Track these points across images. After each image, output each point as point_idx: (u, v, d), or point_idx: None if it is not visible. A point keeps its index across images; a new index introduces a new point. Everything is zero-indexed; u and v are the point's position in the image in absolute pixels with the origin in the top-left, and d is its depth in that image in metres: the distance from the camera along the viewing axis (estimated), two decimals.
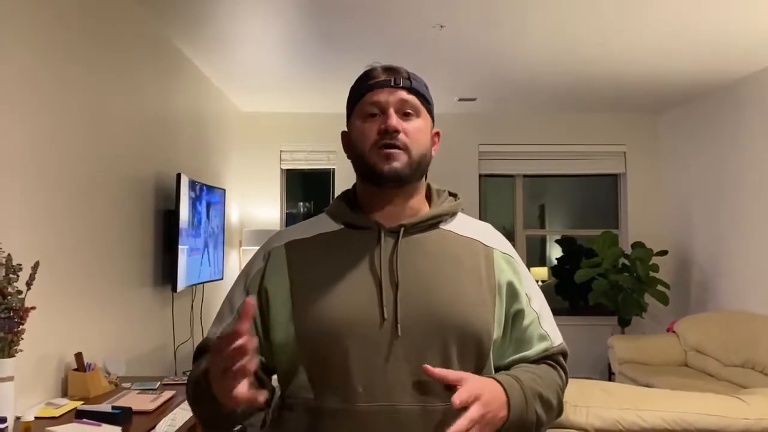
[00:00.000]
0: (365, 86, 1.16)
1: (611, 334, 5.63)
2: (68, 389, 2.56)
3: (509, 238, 1.28)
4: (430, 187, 1.24)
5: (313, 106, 5.81)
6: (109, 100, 3.08)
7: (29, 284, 2.16)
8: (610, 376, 5.44)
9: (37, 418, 2.16)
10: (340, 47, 4.17)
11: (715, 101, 5.30)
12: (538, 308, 1.19)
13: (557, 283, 6.66)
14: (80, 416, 2.20)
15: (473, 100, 5.63)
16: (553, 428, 2.17)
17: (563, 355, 1.21)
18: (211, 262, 4.43)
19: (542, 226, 7.00)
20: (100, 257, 2.97)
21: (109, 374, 2.77)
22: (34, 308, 2.15)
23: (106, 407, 2.25)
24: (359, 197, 1.20)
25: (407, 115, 1.14)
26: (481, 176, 6.24)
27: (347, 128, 1.20)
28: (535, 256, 7.00)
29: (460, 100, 5.60)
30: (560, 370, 1.19)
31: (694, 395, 2.36)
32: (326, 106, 5.72)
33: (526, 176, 6.44)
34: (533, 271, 6.58)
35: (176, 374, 3.84)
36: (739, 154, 4.94)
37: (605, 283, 5.52)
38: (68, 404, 2.37)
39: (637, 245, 5.60)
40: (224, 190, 4.81)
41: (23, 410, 2.15)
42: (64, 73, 2.64)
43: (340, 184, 6.07)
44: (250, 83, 5.10)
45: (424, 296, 1.09)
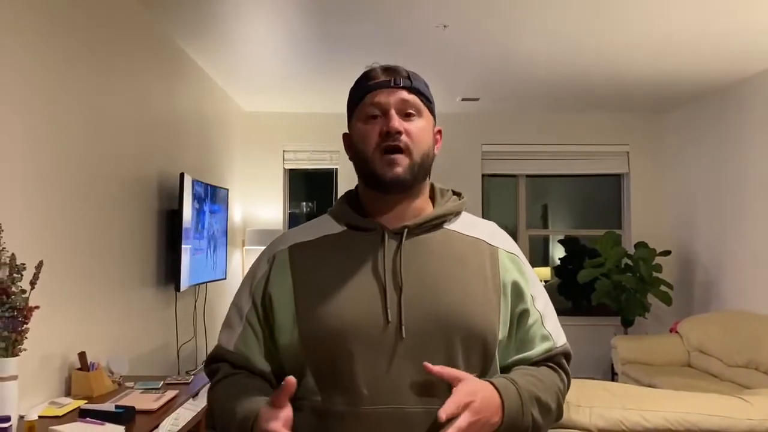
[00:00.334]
0: (365, 87, 1.15)
1: (614, 334, 5.62)
2: (72, 388, 2.57)
3: (512, 238, 1.27)
4: (433, 186, 1.23)
5: (316, 106, 5.81)
6: (112, 100, 3.08)
7: (33, 284, 2.16)
8: (612, 376, 5.43)
9: (40, 417, 2.16)
10: (343, 47, 4.17)
11: (718, 101, 5.29)
12: (541, 308, 1.18)
13: (560, 283, 6.65)
14: (84, 415, 2.21)
15: (476, 99, 5.63)
16: (555, 428, 2.17)
17: (566, 356, 1.20)
18: (214, 262, 4.44)
19: (545, 226, 6.99)
20: (103, 257, 2.98)
21: (112, 373, 2.77)
22: (37, 308, 2.15)
23: (109, 406, 2.25)
24: (362, 199, 1.20)
25: (408, 115, 1.13)
26: (483, 176, 6.24)
27: (348, 130, 1.20)
28: (537, 256, 6.99)
29: (463, 99, 5.59)
30: (562, 372, 1.18)
31: (697, 395, 2.36)
32: (329, 105, 5.73)
33: (528, 176, 6.44)
34: (536, 271, 6.55)
35: (179, 374, 3.85)
36: (742, 154, 4.93)
37: (608, 283, 5.52)
38: (72, 403, 2.37)
39: (640, 245, 5.59)
40: (227, 189, 4.82)
41: (27, 409, 2.16)
42: (67, 73, 2.64)
43: (342, 183, 6.08)
44: (253, 83, 5.10)
45: (428, 298, 1.09)
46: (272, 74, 4.84)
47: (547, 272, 6.88)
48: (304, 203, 6.58)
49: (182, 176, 3.68)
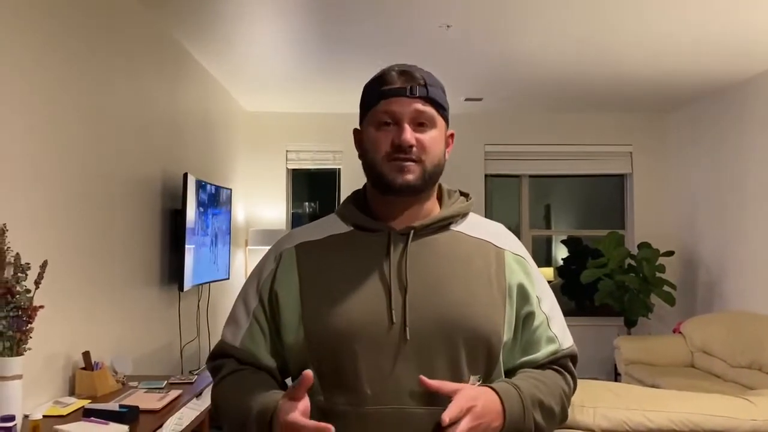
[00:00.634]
0: (380, 93, 1.12)
1: (617, 334, 5.61)
2: (76, 388, 2.57)
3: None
4: (441, 187, 1.22)
5: (318, 106, 5.81)
6: (115, 100, 3.09)
7: (37, 283, 2.17)
8: (616, 376, 5.42)
9: (44, 416, 2.18)
10: (346, 48, 4.17)
11: (721, 101, 5.28)
12: (548, 310, 1.17)
13: (563, 283, 6.65)
14: (88, 415, 2.21)
15: (479, 100, 5.63)
16: (559, 429, 2.17)
17: (573, 358, 1.19)
18: (217, 262, 4.44)
19: (548, 226, 6.98)
20: (107, 257, 2.98)
21: (116, 373, 2.78)
22: (42, 307, 2.15)
23: (113, 406, 2.26)
24: (369, 199, 1.19)
25: (422, 124, 1.11)
26: (486, 176, 6.24)
27: (360, 127, 1.18)
28: (540, 256, 6.98)
29: (466, 100, 5.59)
30: (567, 375, 1.18)
31: (701, 396, 2.35)
32: (332, 106, 5.72)
33: (531, 176, 6.44)
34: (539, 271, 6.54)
35: (182, 373, 3.85)
36: (746, 154, 4.92)
37: (611, 283, 5.51)
38: (76, 403, 2.38)
39: (643, 246, 5.58)
40: (230, 189, 4.82)
41: (31, 409, 2.16)
42: (70, 73, 2.65)
43: (345, 183, 6.07)
44: (256, 83, 5.10)
45: (433, 299, 1.08)
46: (275, 74, 4.85)
47: (550, 273, 6.87)
48: (307, 203, 6.59)
49: (186, 176, 3.68)
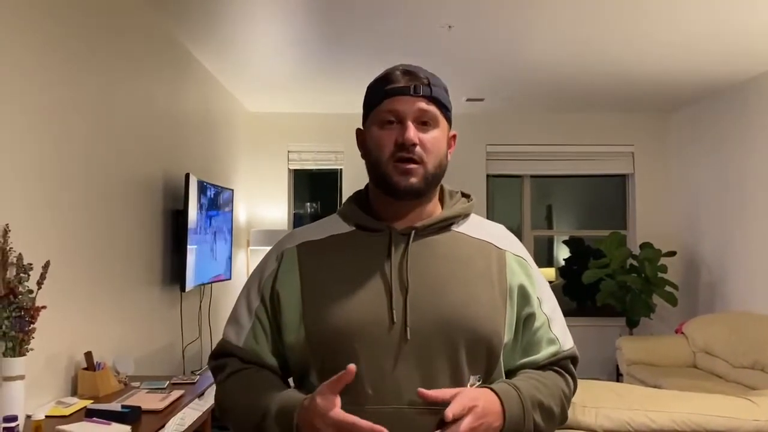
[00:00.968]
0: (383, 92, 1.13)
1: (619, 335, 5.60)
2: (78, 388, 2.58)
3: (517, 238, 1.27)
4: (443, 188, 1.23)
5: (320, 106, 5.81)
6: (118, 100, 3.09)
7: (40, 284, 2.17)
8: (618, 377, 5.42)
9: (47, 416, 2.17)
10: (347, 48, 4.17)
11: (724, 101, 5.27)
12: (549, 312, 1.17)
13: (565, 283, 6.64)
14: (90, 415, 2.21)
15: (481, 100, 5.62)
16: (561, 430, 2.16)
17: (573, 360, 1.20)
18: (219, 262, 4.44)
19: (550, 226, 6.98)
20: (109, 257, 2.98)
21: (118, 373, 2.78)
22: (44, 308, 2.16)
23: (115, 406, 2.26)
24: (371, 199, 1.20)
25: (425, 123, 1.12)
26: (488, 176, 6.23)
27: (363, 127, 1.19)
28: (542, 256, 6.97)
29: (467, 100, 5.59)
30: (568, 376, 1.18)
31: (703, 396, 2.35)
32: (334, 106, 5.72)
33: (533, 176, 6.43)
34: (540, 272, 6.54)
35: (184, 373, 3.85)
36: (748, 154, 4.92)
37: (613, 283, 5.50)
38: (78, 403, 2.38)
39: (645, 246, 5.58)
40: (232, 190, 4.82)
41: (33, 409, 2.17)
42: (72, 74, 2.65)
43: (347, 184, 6.07)
44: (258, 84, 5.11)
45: (433, 300, 1.09)
46: (277, 75, 4.85)
47: (551, 273, 6.87)
48: (308, 204, 6.59)
49: (187, 177, 3.68)
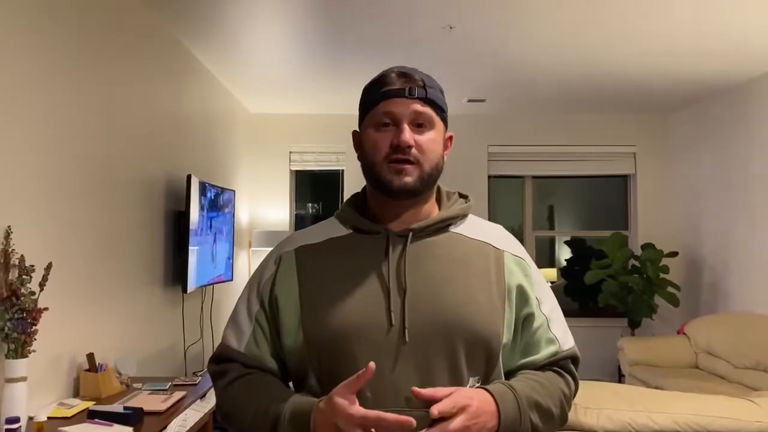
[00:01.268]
0: (379, 94, 1.13)
1: (621, 335, 5.61)
2: (80, 389, 2.58)
3: (518, 239, 1.26)
4: (440, 189, 1.23)
5: (322, 107, 5.82)
6: (119, 102, 3.10)
7: (42, 285, 2.17)
8: (619, 378, 5.41)
9: (49, 418, 2.18)
10: (349, 49, 4.17)
11: (725, 102, 5.27)
12: (548, 312, 1.17)
13: (566, 284, 6.63)
14: (92, 416, 2.22)
15: (482, 101, 5.62)
16: (562, 431, 2.16)
17: (574, 360, 1.19)
18: (220, 263, 4.45)
19: (551, 227, 6.97)
20: (111, 258, 2.99)
21: (120, 375, 2.78)
22: (46, 309, 2.16)
23: (117, 408, 2.26)
24: (369, 201, 1.20)
25: (420, 125, 1.12)
26: (490, 177, 6.23)
27: (359, 129, 1.19)
28: (544, 257, 6.97)
29: (469, 101, 5.59)
30: (568, 376, 1.17)
31: (706, 398, 2.34)
32: (335, 107, 5.73)
33: (535, 177, 6.43)
34: (542, 272, 6.53)
35: (186, 375, 3.86)
36: (750, 154, 4.91)
37: (615, 284, 5.50)
38: (80, 404, 2.39)
39: (647, 246, 5.57)
40: (234, 191, 4.83)
41: (36, 410, 2.17)
42: (73, 75, 2.66)
43: (349, 185, 6.08)
44: (259, 85, 5.11)
45: (432, 301, 1.08)
46: (278, 76, 4.85)
47: (553, 273, 6.86)
48: (310, 204, 6.59)
49: (189, 178, 3.69)
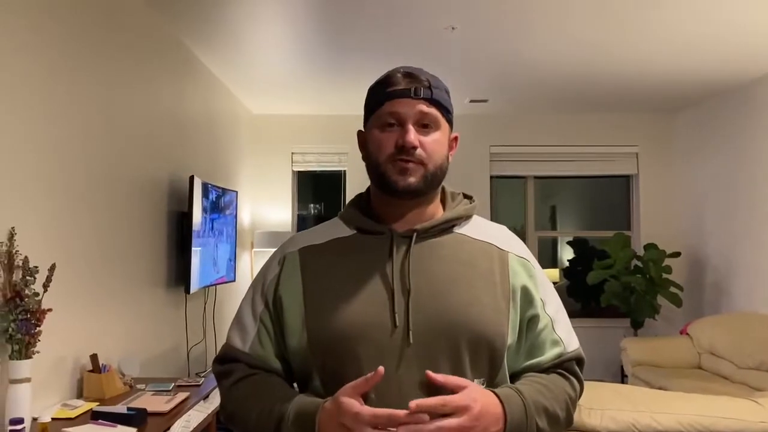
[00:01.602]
0: (384, 94, 1.12)
1: (624, 336, 5.60)
2: (84, 390, 2.59)
3: (520, 239, 1.26)
4: (444, 189, 1.22)
5: (324, 108, 5.82)
6: (122, 103, 3.10)
7: (46, 286, 2.18)
8: (623, 378, 5.41)
9: (53, 419, 2.19)
10: (351, 50, 4.17)
11: (728, 102, 5.26)
12: (552, 313, 1.16)
13: (569, 284, 6.63)
14: (96, 417, 2.22)
15: (485, 101, 5.62)
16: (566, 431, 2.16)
17: (579, 362, 1.18)
18: (223, 264, 4.45)
19: (554, 227, 6.97)
20: (114, 259, 2.99)
21: (123, 375, 2.79)
22: (50, 310, 2.16)
23: (121, 408, 2.26)
24: (373, 202, 1.19)
25: (425, 126, 1.12)
26: (492, 177, 6.22)
27: (364, 129, 1.19)
28: (546, 257, 6.97)
29: (471, 101, 5.59)
30: (573, 378, 1.17)
31: (709, 398, 2.34)
32: (337, 108, 5.73)
33: (537, 177, 6.42)
34: (544, 273, 6.53)
35: (189, 375, 3.86)
36: (753, 155, 4.91)
37: (617, 284, 5.49)
38: (84, 405, 2.39)
39: (649, 247, 5.56)
40: (236, 192, 4.83)
41: (40, 411, 2.18)
42: (76, 76, 2.66)
43: (351, 185, 6.08)
44: (261, 86, 5.11)
45: (436, 302, 1.08)
46: (281, 77, 4.85)
47: (555, 274, 6.86)
48: (312, 205, 6.59)
49: (192, 179, 3.69)
